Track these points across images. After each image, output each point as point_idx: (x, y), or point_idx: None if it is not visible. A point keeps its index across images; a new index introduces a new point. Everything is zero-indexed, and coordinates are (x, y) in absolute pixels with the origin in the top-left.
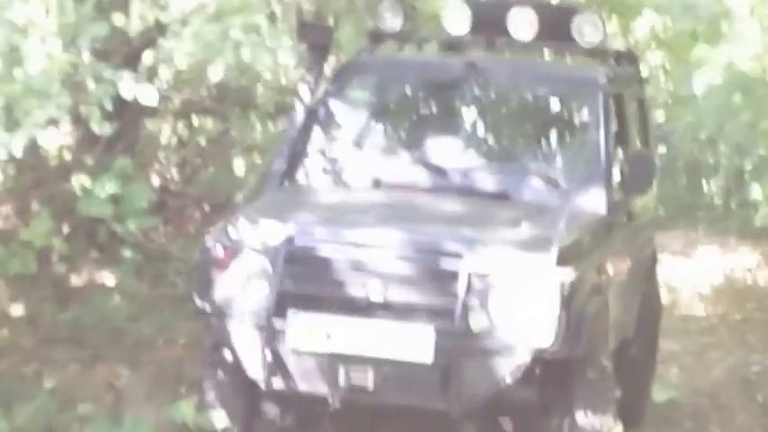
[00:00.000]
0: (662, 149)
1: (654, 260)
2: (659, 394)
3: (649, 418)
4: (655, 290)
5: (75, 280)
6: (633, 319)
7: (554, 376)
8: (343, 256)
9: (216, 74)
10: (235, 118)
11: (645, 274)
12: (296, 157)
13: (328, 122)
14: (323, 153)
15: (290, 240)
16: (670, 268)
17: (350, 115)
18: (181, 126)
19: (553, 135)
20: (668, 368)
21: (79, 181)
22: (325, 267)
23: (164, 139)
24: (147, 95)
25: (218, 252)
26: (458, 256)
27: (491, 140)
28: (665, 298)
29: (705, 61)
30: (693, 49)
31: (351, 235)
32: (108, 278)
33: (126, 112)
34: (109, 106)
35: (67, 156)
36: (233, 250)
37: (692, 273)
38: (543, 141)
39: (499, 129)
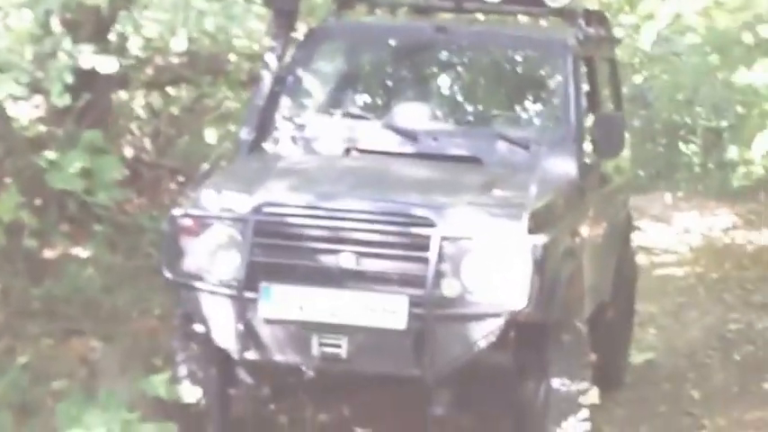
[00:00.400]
0: (639, 112)
1: (629, 223)
2: (637, 356)
3: (628, 379)
4: (630, 252)
5: (48, 253)
6: (609, 282)
7: (528, 340)
8: (313, 225)
9: (179, 43)
10: (206, 86)
11: (620, 237)
12: (264, 125)
13: (296, 89)
14: (291, 120)
15: (259, 210)
16: (648, 230)
17: (318, 82)
18: (153, 96)
19: (523, 98)
20: (646, 330)
21: (47, 155)
22: (296, 236)
23: (136, 110)
24: (105, 65)
25: (187, 222)
26: (429, 222)
27: (461, 105)
28: (642, 260)
29: (652, 15)
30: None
31: (321, 203)
32: (81, 251)
33: (96, 84)
34: (69, 79)
35: (39, 128)
36: (201, 221)
37: (671, 234)
38: (514, 105)
39: (469, 93)
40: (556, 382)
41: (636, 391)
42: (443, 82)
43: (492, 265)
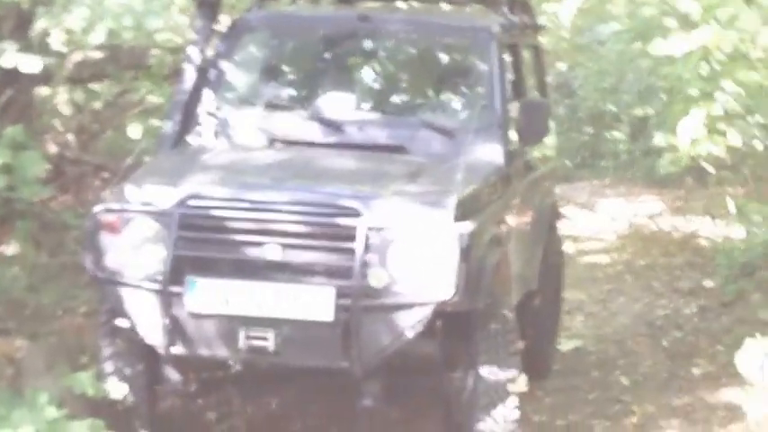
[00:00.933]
0: (564, 100)
1: (555, 211)
2: (566, 344)
3: (556, 367)
4: (556, 240)
5: None
6: (536, 270)
7: (456, 330)
8: (238, 218)
9: (97, 37)
10: (129, 81)
11: (546, 225)
12: (187, 118)
13: (219, 82)
14: (215, 113)
15: (183, 203)
16: (576, 219)
17: (241, 73)
18: (76, 91)
19: (448, 86)
20: (574, 317)
21: None
22: (221, 229)
23: (59, 106)
24: (28, 64)
25: (110, 218)
26: (355, 212)
27: (386, 93)
28: (570, 248)
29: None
30: None
31: (246, 195)
32: (5, 249)
33: (17, 80)
34: None
35: None
36: (125, 215)
37: (598, 222)
38: (438, 93)
39: (394, 81)
40: (484, 371)
41: (564, 379)
42: (367, 71)
43: (418, 255)
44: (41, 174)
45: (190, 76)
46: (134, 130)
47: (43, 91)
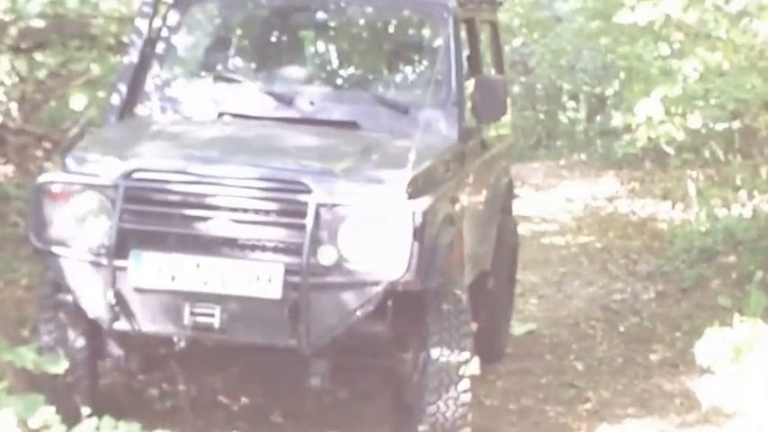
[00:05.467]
0: (520, 78)
1: (510, 191)
2: (519, 327)
3: (509, 351)
4: (511, 221)
5: None
6: (490, 251)
7: (407, 310)
8: (185, 192)
9: (34, 6)
10: (73, 50)
11: (501, 205)
12: (134, 89)
13: (167, 53)
14: (162, 85)
15: (129, 176)
16: (530, 199)
17: (189, 44)
18: (19, 61)
19: (402, 61)
20: (528, 300)
21: None
22: (168, 203)
23: (1, 75)
24: None
25: (54, 189)
26: (305, 188)
27: (338, 68)
28: (524, 230)
29: None
30: None
31: (193, 169)
32: None
33: None
34: None
35: None
36: (69, 187)
37: (553, 203)
38: (392, 68)
39: (347, 55)
40: (435, 353)
41: (517, 363)
42: (319, 44)
43: (370, 233)
44: None
45: (137, 47)
46: (77, 101)
47: None
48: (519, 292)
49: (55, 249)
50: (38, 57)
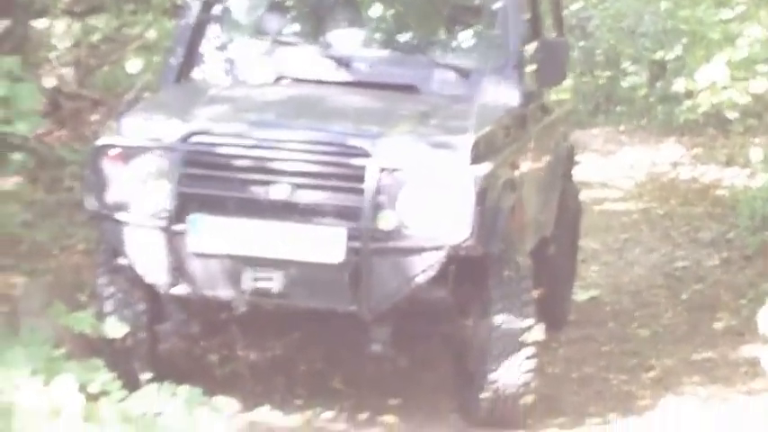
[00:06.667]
0: (579, 42)
1: (571, 156)
2: (581, 294)
3: (572, 318)
4: (572, 186)
5: None
6: (551, 217)
7: (468, 275)
8: (244, 156)
9: None
10: (128, 14)
11: (562, 171)
12: (192, 52)
13: (225, 15)
14: (220, 47)
15: (187, 139)
16: (591, 165)
17: (247, 7)
18: (74, 25)
19: (462, 24)
20: (589, 267)
21: None
22: (226, 167)
23: (56, 39)
24: None
25: (112, 152)
26: (364, 152)
27: (398, 30)
28: (585, 196)
29: None
30: None
31: (252, 133)
32: (1, 184)
33: (13, 11)
34: None
35: None
36: (127, 150)
37: (614, 169)
38: (452, 30)
39: (406, 18)
40: (497, 319)
41: (580, 330)
42: (378, 7)
43: (431, 197)
44: (38, 107)
45: (195, 9)
46: (133, 65)
47: (40, 23)
48: (580, 259)
49: (112, 214)
50: (92, 21)
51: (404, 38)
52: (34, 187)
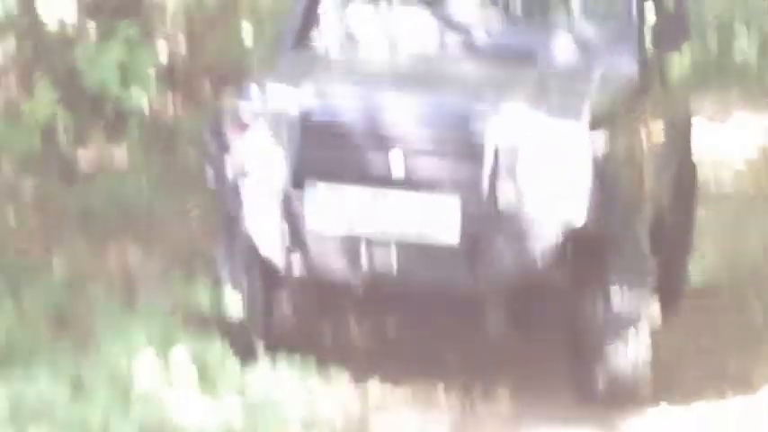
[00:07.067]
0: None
1: (689, 126)
2: (695, 273)
3: (685, 299)
4: (690, 158)
5: (81, 155)
6: (668, 189)
7: (587, 253)
8: (361, 124)
9: None
10: None
11: (680, 142)
12: (309, 19)
13: None
14: (338, 15)
15: (306, 108)
16: (701, 135)
17: None
18: None
19: None
20: (703, 240)
21: (84, 50)
22: (343, 136)
23: (169, 6)
24: None
25: (231, 120)
26: (483, 122)
27: None
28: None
29: None
30: None
31: (369, 101)
32: (115, 154)
33: None
34: None
35: (68, 24)
36: (246, 119)
37: (725, 139)
38: None
39: None
40: (615, 297)
41: (696, 304)
42: None
43: (549, 170)
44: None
45: None
46: (246, 31)
47: None
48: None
49: (230, 182)
50: None
51: (521, 5)
52: (148, 155)
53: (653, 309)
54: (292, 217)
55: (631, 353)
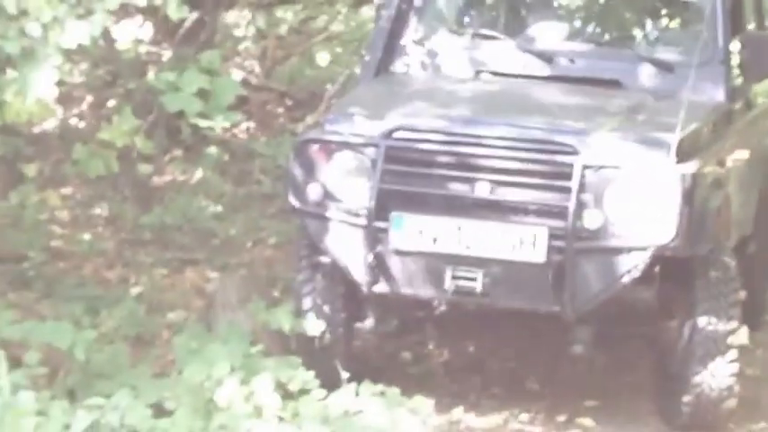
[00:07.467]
0: None
1: None
2: None
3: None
4: None
5: (157, 180)
6: (752, 214)
7: (674, 276)
8: (447, 152)
9: None
10: (316, 5)
11: (763, 167)
12: (391, 45)
13: (424, 9)
14: (420, 41)
15: (390, 135)
16: None
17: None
18: (258, 16)
19: (665, 17)
20: None
21: (163, 76)
22: (429, 164)
23: (242, 31)
24: None
25: (315, 148)
26: (571, 149)
27: (599, 24)
28: None
29: None
30: None
31: (455, 129)
32: (191, 177)
33: (203, 3)
34: None
35: (142, 49)
36: (330, 146)
37: None
38: (655, 24)
39: (607, 10)
40: (703, 321)
41: None
42: None
43: (638, 196)
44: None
45: (394, 1)
46: (322, 58)
47: (228, 16)
48: None
49: (314, 209)
50: (278, 13)
51: (606, 31)
52: (224, 180)
53: (741, 337)
54: (378, 241)
55: (718, 380)
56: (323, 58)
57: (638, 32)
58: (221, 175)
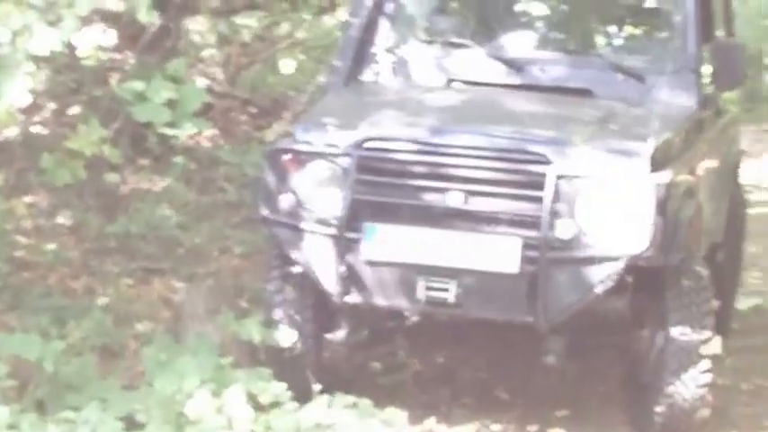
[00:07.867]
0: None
1: (739, 159)
2: (743, 301)
3: (735, 326)
4: (740, 190)
5: (122, 188)
6: (722, 222)
7: (647, 286)
8: (419, 161)
9: None
10: (280, 12)
11: (732, 175)
12: (361, 53)
13: (394, 17)
14: (390, 49)
15: (361, 144)
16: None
17: (417, 6)
18: (223, 23)
19: (637, 24)
20: (750, 273)
21: (129, 86)
22: (401, 173)
23: (205, 38)
24: None
25: (286, 158)
26: (544, 158)
27: (570, 32)
28: None
29: None
30: None
31: (427, 138)
32: (155, 186)
33: (166, 10)
34: None
35: (104, 56)
36: (302, 156)
37: (763, 169)
38: (626, 32)
39: (578, 19)
40: (675, 331)
41: (745, 339)
42: (550, 6)
43: (611, 206)
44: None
45: (364, 10)
46: (285, 65)
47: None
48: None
49: (285, 219)
50: (240, 20)
51: (577, 40)
52: (188, 189)
53: (714, 347)
54: (349, 251)
55: (690, 390)
56: (286, 65)
57: (609, 41)
58: (186, 183)
